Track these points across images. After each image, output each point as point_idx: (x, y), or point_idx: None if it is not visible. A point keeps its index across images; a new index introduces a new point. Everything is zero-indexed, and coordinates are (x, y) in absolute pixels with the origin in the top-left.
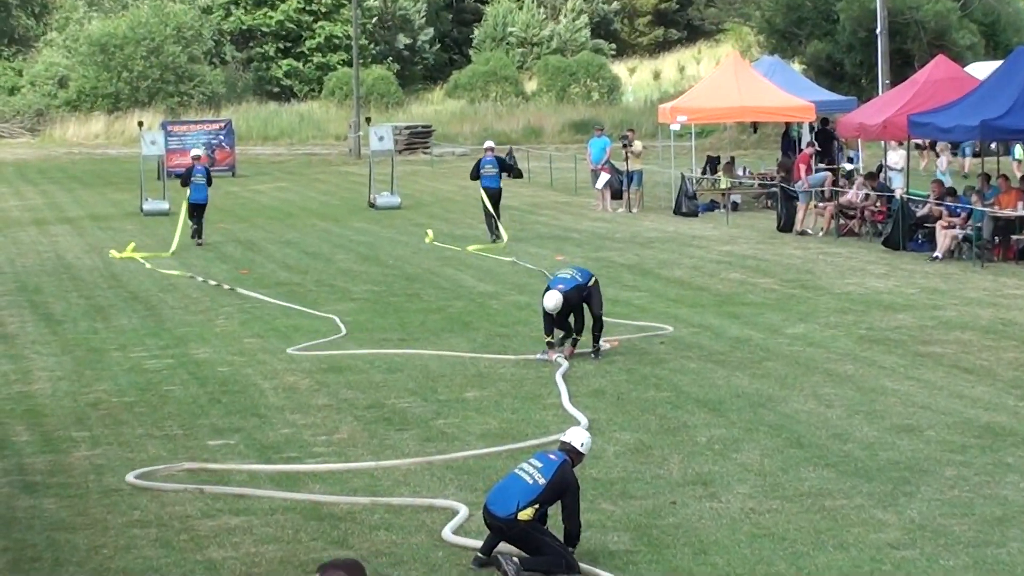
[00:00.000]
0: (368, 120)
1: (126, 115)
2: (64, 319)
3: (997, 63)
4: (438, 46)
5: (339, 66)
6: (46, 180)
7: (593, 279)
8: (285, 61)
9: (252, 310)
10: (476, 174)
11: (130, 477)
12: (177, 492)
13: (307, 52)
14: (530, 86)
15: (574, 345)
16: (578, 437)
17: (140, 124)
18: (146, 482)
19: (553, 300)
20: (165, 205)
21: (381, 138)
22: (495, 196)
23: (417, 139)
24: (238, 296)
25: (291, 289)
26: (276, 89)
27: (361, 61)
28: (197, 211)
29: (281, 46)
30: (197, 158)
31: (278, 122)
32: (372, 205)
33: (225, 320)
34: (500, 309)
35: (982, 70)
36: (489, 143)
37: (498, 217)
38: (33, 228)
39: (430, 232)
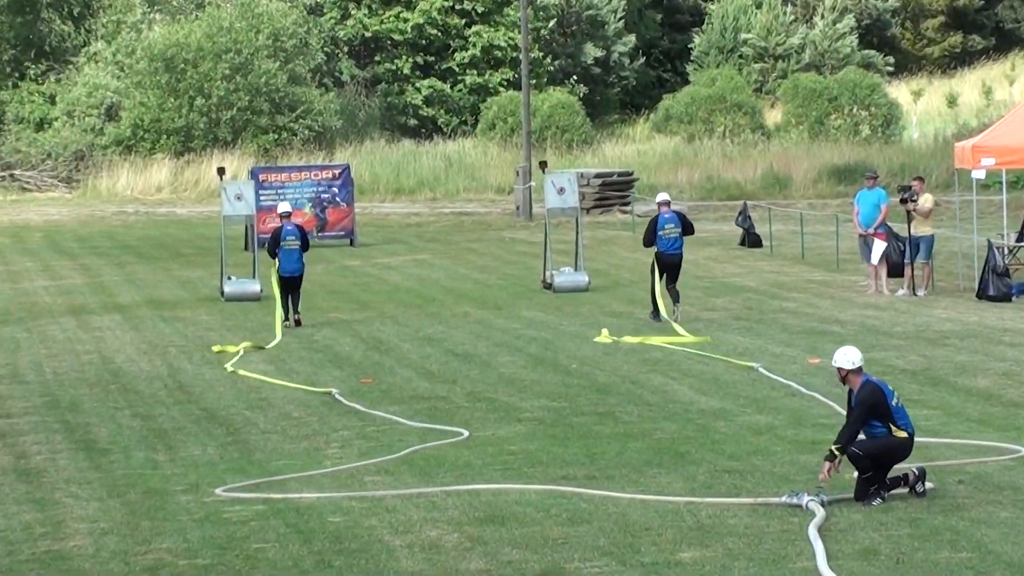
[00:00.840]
0: (543, 166)
1: (201, 159)
2: (111, 448)
3: None
4: (642, 60)
5: (502, 89)
6: (88, 251)
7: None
8: (426, 82)
9: (378, 435)
10: (652, 238)
11: None
12: None
13: (457, 69)
14: (772, 116)
15: (832, 461)
16: None
17: (221, 172)
18: None
19: (849, 355)
20: (255, 287)
21: (561, 190)
22: (675, 266)
23: (613, 191)
24: (357, 415)
25: (432, 404)
26: (412, 122)
27: (534, 82)
28: (292, 286)
29: (420, 60)
30: (287, 215)
31: (416, 168)
32: (548, 286)
33: (339, 449)
34: (730, 434)
35: None
36: (663, 196)
37: (676, 298)
38: (69, 319)
39: (605, 331)
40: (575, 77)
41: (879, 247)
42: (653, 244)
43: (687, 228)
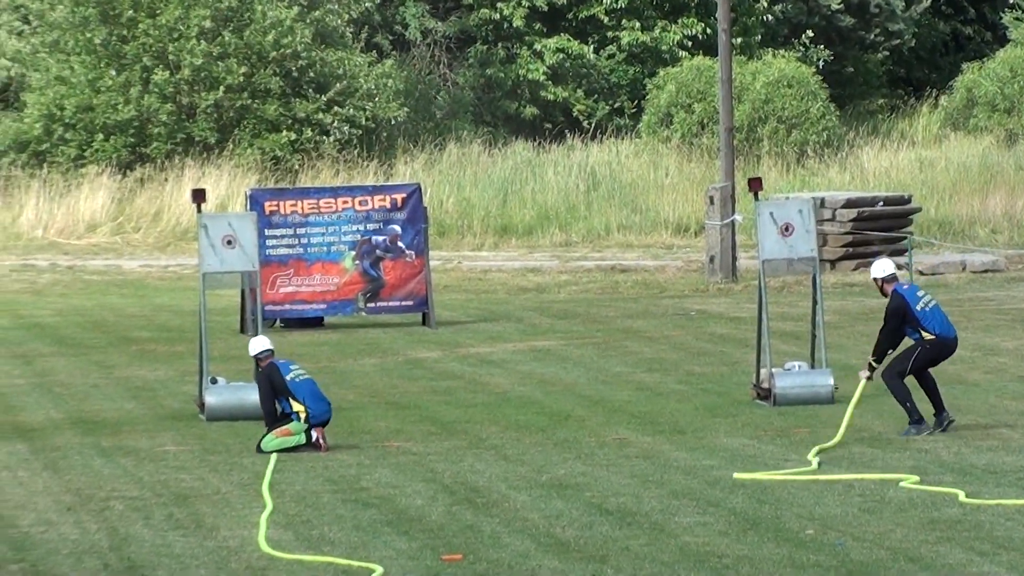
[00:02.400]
0: (755, 187)
1: (163, 175)
2: None
3: None
4: (927, 3)
5: (684, 54)
6: None
7: None
8: (552, 41)
9: None
10: (913, 322)
11: None
12: None
13: (605, 20)
14: None
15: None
16: None
17: (199, 197)
18: None
19: (880, 265)
20: (255, 395)
21: (787, 229)
22: (942, 355)
23: (876, 227)
24: None
25: None
26: (530, 111)
27: (738, 40)
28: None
29: (543, 4)
30: (268, 354)
31: (536, 192)
32: (765, 395)
33: None
34: None
35: None
36: (887, 265)
37: (937, 395)
38: None
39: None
40: (810, 33)
41: None
42: (909, 333)
43: None
